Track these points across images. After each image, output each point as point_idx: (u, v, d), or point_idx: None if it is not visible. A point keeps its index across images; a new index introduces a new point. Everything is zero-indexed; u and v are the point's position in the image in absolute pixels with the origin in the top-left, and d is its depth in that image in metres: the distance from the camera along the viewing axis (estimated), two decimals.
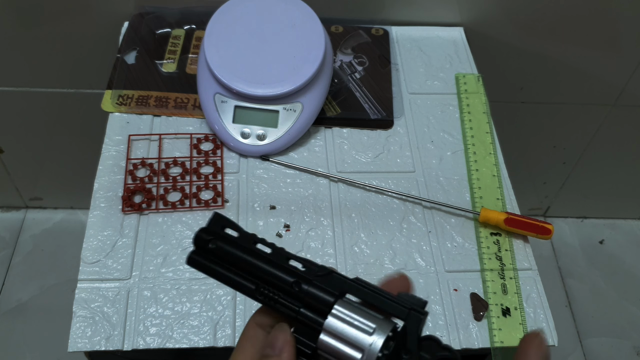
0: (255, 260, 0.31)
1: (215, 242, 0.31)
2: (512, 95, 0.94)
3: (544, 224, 0.59)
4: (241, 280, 0.31)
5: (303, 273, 0.30)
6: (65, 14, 0.81)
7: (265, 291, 0.30)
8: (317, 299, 0.29)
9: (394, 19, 0.80)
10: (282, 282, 0.30)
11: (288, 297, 0.30)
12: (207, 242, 0.31)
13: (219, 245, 0.31)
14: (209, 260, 0.32)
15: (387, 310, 0.29)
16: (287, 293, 0.30)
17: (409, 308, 0.29)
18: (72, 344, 0.51)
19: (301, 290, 0.30)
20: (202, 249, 0.32)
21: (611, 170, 1.12)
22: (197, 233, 0.32)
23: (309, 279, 0.30)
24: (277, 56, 0.64)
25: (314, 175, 0.64)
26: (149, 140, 0.66)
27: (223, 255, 0.31)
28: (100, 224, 0.59)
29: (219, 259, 0.32)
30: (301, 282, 0.30)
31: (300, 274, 0.30)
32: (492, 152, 0.67)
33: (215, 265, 0.32)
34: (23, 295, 1.11)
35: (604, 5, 0.80)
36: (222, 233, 0.32)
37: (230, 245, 0.31)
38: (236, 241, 0.32)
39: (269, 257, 0.31)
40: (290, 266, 0.31)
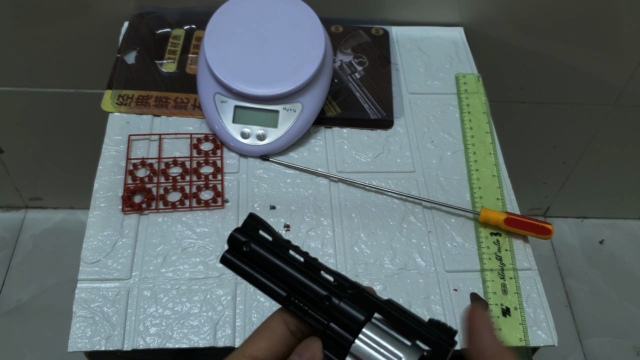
0: (289, 269, 0.31)
1: (249, 245, 0.31)
2: (512, 95, 0.94)
3: (544, 224, 0.59)
4: (273, 286, 0.31)
5: (334, 287, 0.30)
6: (65, 14, 0.81)
7: (296, 301, 0.30)
8: (347, 316, 0.29)
9: (394, 19, 0.80)
10: (314, 294, 0.30)
11: (317, 310, 0.30)
12: (241, 245, 0.32)
13: (253, 249, 0.31)
14: (242, 262, 0.32)
15: (414, 336, 0.29)
16: (316, 306, 0.30)
17: (437, 339, 0.28)
18: (72, 344, 0.51)
19: (331, 305, 0.29)
20: (236, 249, 0.32)
21: (611, 170, 1.12)
22: (232, 233, 0.32)
23: (340, 295, 0.30)
24: (277, 56, 0.64)
25: (314, 175, 0.64)
26: (149, 140, 0.66)
27: (256, 260, 0.31)
28: (100, 224, 0.59)
29: (252, 262, 0.32)
30: (332, 296, 0.30)
31: (331, 288, 0.30)
32: (492, 152, 0.67)
33: (248, 267, 0.32)
34: (23, 295, 1.11)
35: (604, 5, 0.80)
36: (256, 236, 0.32)
37: (264, 250, 0.31)
38: (270, 246, 0.31)
39: (302, 266, 0.31)
40: (322, 278, 0.30)
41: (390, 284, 0.56)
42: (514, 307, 0.55)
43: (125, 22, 0.77)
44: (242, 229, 0.32)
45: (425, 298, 0.56)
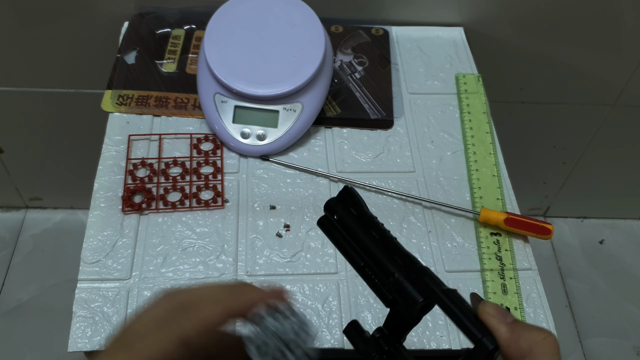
0: (369, 242, 0.34)
1: (340, 213, 0.35)
2: (512, 95, 0.94)
3: (544, 224, 0.59)
4: (354, 254, 0.34)
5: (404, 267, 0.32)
6: (65, 14, 0.81)
7: (369, 272, 0.33)
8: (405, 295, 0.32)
9: (394, 19, 0.80)
10: (384, 268, 0.33)
11: (384, 282, 0.33)
12: (333, 212, 0.35)
13: (342, 218, 0.35)
14: (334, 227, 0.35)
15: (463, 331, 0.30)
16: (383, 279, 0.33)
17: (481, 335, 0.30)
18: (72, 344, 0.51)
19: (395, 281, 0.32)
20: (331, 214, 0.35)
21: (611, 170, 1.12)
22: (329, 201, 0.35)
23: (406, 275, 0.32)
24: (277, 56, 0.64)
25: (314, 175, 0.64)
26: (149, 140, 0.66)
27: (344, 228, 0.35)
28: (100, 224, 0.59)
29: (341, 229, 0.35)
30: (397, 275, 0.32)
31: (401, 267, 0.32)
32: (492, 152, 0.67)
33: (338, 233, 0.35)
34: (23, 295, 1.11)
35: (604, 5, 0.80)
36: (348, 206, 0.35)
37: (351, 221, 0.35)
38: (357, 218, 0.35)
39: (381, 242, 0.34)
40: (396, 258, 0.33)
41: None
42: (514, 307, 0.55)
43: (125, 22, 0.77)
44: (338, 198, 0.35)
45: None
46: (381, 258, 0.33)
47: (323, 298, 0.55)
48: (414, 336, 0.53)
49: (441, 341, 0.53)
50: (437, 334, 0.54)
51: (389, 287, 0.32)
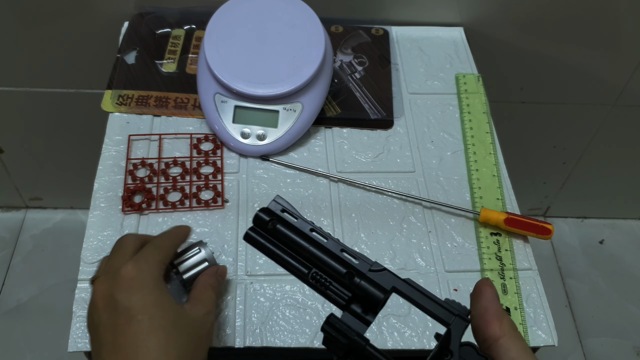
0: (312, 247, 0.32)
1: (275, 223, 0.33)
2: (512, 95, 0.94)
3: (544, 224, 0.59)
4: (295, 263, 0.33)
5: (357, 266, 0.31)
6: (65, 14, 0.81)
7: (317, 276, 0.32)
8: (367, 293, 0.31)
9: (394, 19, 0.80)
10: (336, 271, 0.31)
11: (340, 286, 0.31)
12: (266, 223, 0.33)
13: (277, 227, 0.33)
14: (265, 239, 0.33)
15: (435, 313, 0.30)
16: (339, 282, 0.31)
17: (455, 314, 0.30)
18: (72, 344, 0.51)
19: (352, 282, 0.31)
20: (261, 228, 0.33)
21: (611, 170, 1.12)
22: (257, 213, 0.33)
23: (362, 272, 0.31)
24: (277, 56, 0.64)
25: (314, 175, 0.64)
26: (149, 140, 0.66)
27: (280, 237, 0.33)
28: (100, 224, 0.59)
29: (275, 240, 0.33)
30: (354, 273, 0.31)
31: (354, 266, 0.31)
32: (492, 152, 0.67)
33: (271, 244, 0.33)
34: (23, 295, 1.11)
35: (603, 5, 0.80)
36: (280, 215, 0.33)
37: (288, 229, 0.33)
38: (294, 226, 0.33)
39: (325, 245, 0.32)
40: (345, 257, 0.32)
41: None
42: (514, 307, 0.55)
43: (125, 22, 0.77)
44: (267, 209, 0.33)
45: None
46: (331, 261, 0.32)
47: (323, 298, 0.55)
48: (414, 336, 0.53)
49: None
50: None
51: (346, 287, 0.31)
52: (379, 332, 0.53)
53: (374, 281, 0.31)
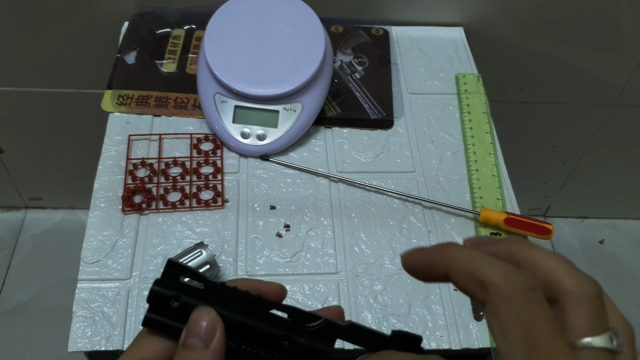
0: (234, 315, 0.26)
1: (179, 297, 0.26)
2: (512, 95, 0.94)
3: (544, 224, 0.59)
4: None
5: (291, 324, 0.27)
6: (65, 14, 0.81)
7: (248, 349, 0.26)
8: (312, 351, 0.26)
9: (394, 19, 0.80)
10: (269, 336, 0.26)
11: (276, 352, 0.26)
12: (168, 299, 0.26)
13: (185, 302, 0.26)
14: (171, 319, 0.26)
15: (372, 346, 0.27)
16: (274, 349, 0.26)
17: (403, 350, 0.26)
18: (72, 344, 0.51)
19: (292, 343, 0.26)
20: (162, 305, 0.26)
21: (611, 170, 1.12)
22: (153, 288, 0.26)
23: (300, 331, 0.27)
24: (277, 56, 0.64)
25: (314, 175, 0.64)
26: (149, 140, 0.66)
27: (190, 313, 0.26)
28: (100, 224, 0.59)
29: (184, 317, 0.26)
30: (291, 335, 0.26)
31: (288, 325, 0.27)
32: (492, 152, 0.66)
33: (181, 324, 0.26)
34: (23, 295, 1.11)
35: (604, 5, 0.80)
36: (183, 286, 0.27)
37: (198, 300, 0.26)
38: (203, 293, 0.27)
39: (248, 309, 0.27)
40: (275, 317, 0.27)
41: (390, 284, 0.56)
42: None
43: (125, 22, 0.77)
44: (164, 281, 0.27)
45: (425, 298, 0.56)
46: (262, 324, 0.26)
47: (323, 298, 0.55)
48: None
49: (441, 341, 0.53)
50: (437, 334, 0.54)
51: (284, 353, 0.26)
52: None
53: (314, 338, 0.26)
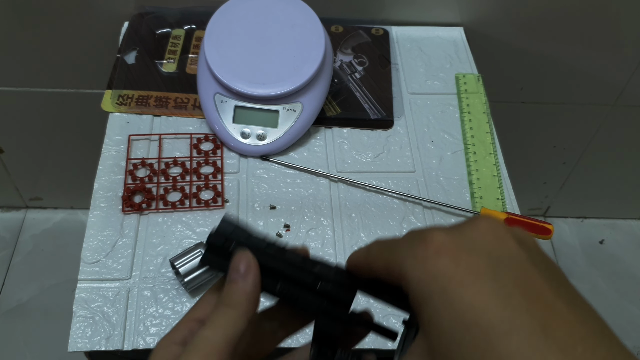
0: (273, 261, 0.31)
1: (232, 242, 0.32)
2: (512, 95, 0.94)
3: (544, 224, 0.59)
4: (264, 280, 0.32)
5: (320, 273, 0.31)
6: (65, 14, 0.81)
7: (284, 289, 0.31)
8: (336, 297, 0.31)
9: (394, 19, 0.80)
10: (301, 280, 0.31)
11: (308, 294, 0.31)
12: (224, 243, 0.32)
13: (238, 248, 0.31)
14: (224, 259, 0.32)
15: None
16: (306, 291, 0.31)
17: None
18: (72, 344, 0.51)
19: (321, 286, 0.31)
20: (219, 248, 0.32)
21: (611, 170, 1.12)
22: (212, 234, 0.32)
23: (328, 279, 0.31)
24: (277, 56, 0.64)
25: (314, 175, 0.64)
26: (149, 140, 0.66)
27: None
28: (100, 224, 0.59)
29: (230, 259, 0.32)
30: (321, 280, 0.31)
31: (318, 273, 0.31)
32: (492, 152, 0.67)
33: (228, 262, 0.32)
34: (23, 295, 1.11)
35: (604, 5, 0.80)
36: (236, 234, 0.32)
37: (248, 244, 0.32)
38: (252, 241, 0.32)
39: (285, 258, 0.32)
40: (307, 266, 0.32)
41: None
42: None
43: (125, 22, 0.77)
44: (220, 231, 0.32)
45: None
46: (297, 271, 0.31)
47: None
48: None
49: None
50: None
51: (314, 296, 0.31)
52: None
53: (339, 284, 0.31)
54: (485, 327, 0.23)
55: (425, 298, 0.25)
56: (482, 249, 0.25)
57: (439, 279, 0.24)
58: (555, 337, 0.23)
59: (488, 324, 0.23)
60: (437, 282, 0.24)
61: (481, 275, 0.24)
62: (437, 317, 0.24)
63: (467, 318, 0.23)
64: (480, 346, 0.23)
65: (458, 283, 0.24)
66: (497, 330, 0.23)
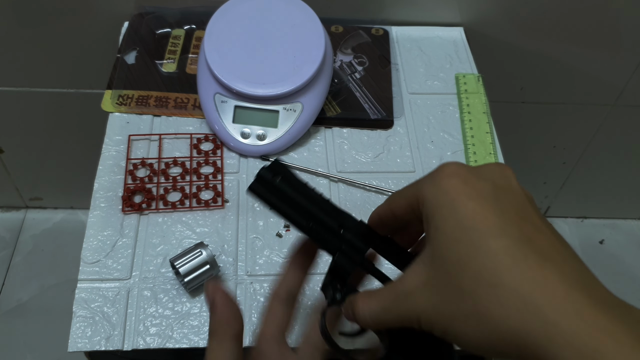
0: (312, 202, 0.37)
1: (278, 177, 0.37)
2: (512, 95, 0.94)
3: None
4: (296, 216, 0.37)
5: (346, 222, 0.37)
6: (65, 14, 0.81)
7: (314, 226, 0.37)
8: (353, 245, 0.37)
9: (394, 19, 0.80)
10: (329, 223, 0.37)
11: (332, 236, 0.37)
12: (273, 177, 0.37)
13: (282, 183, 0.36)
14: (271, 192, 0.37)
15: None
16: (331, 232, 0.37)
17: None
18: (72, 344, 0.51)
19: (343, 231, 0.37)
20: (265, 182, 0.37)
21: (611, 170, 1.12)
22: (263, 168, 0.37)
23: (351, 228, 0.37)
24: (277, 56, 0.64)
25: (314, 175, 0.64)
26: (149, 140, 0.66)
27: (284, 192, 0.37)
28: (100, 224, 0.59)
29: (278, 193, 0.37)
30: (344, 226, 0.37)
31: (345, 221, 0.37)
32: (492, 152, 0.67)
33: (276, 197, 0.37)
34: (23, 295, 1.11)
35: (604, 5, 0.80)
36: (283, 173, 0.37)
37: (290, 186, 0.37)
38: (294, 184, 0.37)
39: (321, 202, 0.37)
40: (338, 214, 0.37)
41: None
42: None
43: (125, 22, 0.77)
44: (270, 168, 0.37)
45: None
46: (328, 215, 0.37)
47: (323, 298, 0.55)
48: None
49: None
50: None
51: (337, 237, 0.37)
52: None
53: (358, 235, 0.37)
54: (480, 229, 0.27)
55: (436, 209, 0.29)
56: (488, 178, 0.30)
57: (450, 193, 0.29)
58: (536, 245, 0.27)
59: (484, 227, 0.27)
60: (447, 195, 0.29)
61: (484, 194, 0.29)
62: (443, 223, 0.29)
63: (468, 222, 0.28)
64: (474, 244, 0.27)
65: (465, 196, 0.28)
66: (490, 232, 0.27)
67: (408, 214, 0.33)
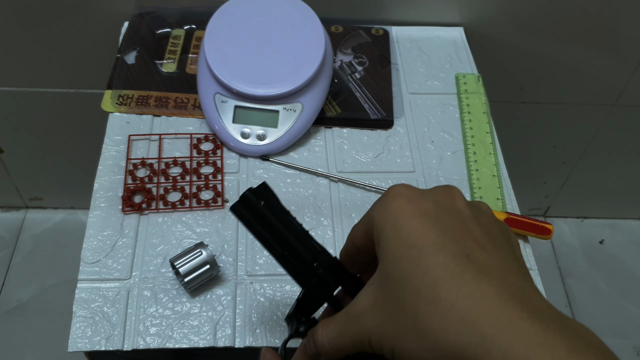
0: (289, 232, 0.37)
1: (262, 202, 0.37)
2: (512, 95, 0.94)
3: (544, 224, 0.59)
4: (272, 242, 0.37)
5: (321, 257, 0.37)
6: (65, 14, 0.81)
7: (289, 256, 0.37)
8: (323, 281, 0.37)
9: (394, 19, 0.80)
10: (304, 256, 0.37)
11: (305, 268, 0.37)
12: (257, 200, 0.37)
13: (264, 208, 0.37)
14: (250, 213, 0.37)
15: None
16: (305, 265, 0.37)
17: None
18: (72, 344, 0.51)
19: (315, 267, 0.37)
20: (248, 204, 0.37)
21: (611, 170, 1.12)
22: (247, 191, 0.37)
23: (324, 265, 0.37)
24: (277, 56, 0.64)
25: (314, 175, 0.64)
26: (149, 140, 0.66)
27: (265, 216, 0.37)
28: (100, 224, 0.59)
29: (259, 217, 0.37)
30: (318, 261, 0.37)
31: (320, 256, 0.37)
32: (492, 152, 0.67)
33: (256, 221, 0.37)
34: (23, 295, 1.11)
35: (603, 5, 0.80)
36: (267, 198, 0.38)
37: (272, 211, 0.37)
38: (276, 209, 0.38)
39: (298, 233, 0.37)
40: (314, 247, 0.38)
41: None
42: None
43: (125, 22, 0.77)
44: (255, 190, 0.37)
45: None
46: (302, 247, 0.37)
47: None
48: None
49: None
50: None
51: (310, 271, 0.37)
52: None
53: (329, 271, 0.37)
54: (421, 246, 0.28)
55: (383, 230, 0.30)
56: (431, 198, 0.31)
57: (394, 213, 0.30)
58: (476, 261, 0.28)
59: (424, 244, 0.28)
60: (392, 215, 0.30)
61: (426, 213, 0.30)
62: (388, 243, 0.30)
63: (410, 240, 0.29)
64: (414, 261, 0.28)
65: (408, 216, 0.30)
66: (430, 249, 0.28)
67: (365, 242, 0.34)
